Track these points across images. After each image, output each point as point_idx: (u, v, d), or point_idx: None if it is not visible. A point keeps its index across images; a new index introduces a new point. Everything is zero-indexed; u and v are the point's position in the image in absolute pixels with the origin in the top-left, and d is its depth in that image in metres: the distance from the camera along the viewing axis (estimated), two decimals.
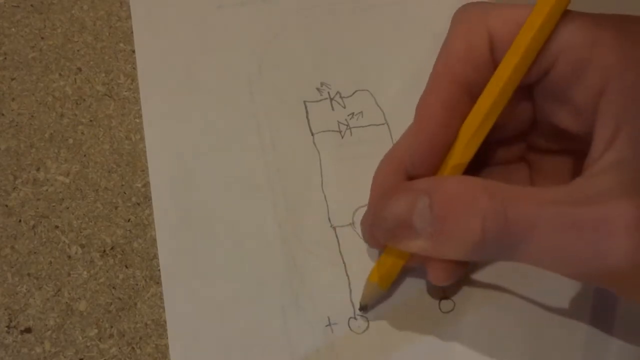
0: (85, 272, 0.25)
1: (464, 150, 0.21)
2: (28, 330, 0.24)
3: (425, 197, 0.19)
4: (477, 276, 0.25)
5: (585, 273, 0.19)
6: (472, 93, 0.21)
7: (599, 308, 0.24)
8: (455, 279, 0.22)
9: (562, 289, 0.25)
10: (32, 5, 0.31)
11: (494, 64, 0.21)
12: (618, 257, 0.17)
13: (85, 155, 0.28)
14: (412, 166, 0.21)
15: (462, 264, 0.22)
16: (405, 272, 0.25)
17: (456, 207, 0.19)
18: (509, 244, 0.18)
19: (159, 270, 0.25)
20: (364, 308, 0.24)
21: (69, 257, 0.26)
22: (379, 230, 0.21)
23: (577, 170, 0.20)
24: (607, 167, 0.18)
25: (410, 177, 0.22)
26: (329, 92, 0.29)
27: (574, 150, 0.22)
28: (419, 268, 0.24)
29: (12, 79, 0.29)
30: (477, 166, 0.23)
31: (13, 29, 0.30)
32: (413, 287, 0.25)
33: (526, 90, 0.21)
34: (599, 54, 0.19)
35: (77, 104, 0.29)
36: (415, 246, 0.20)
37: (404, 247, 0.20)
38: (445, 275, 0.21)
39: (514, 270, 0.25)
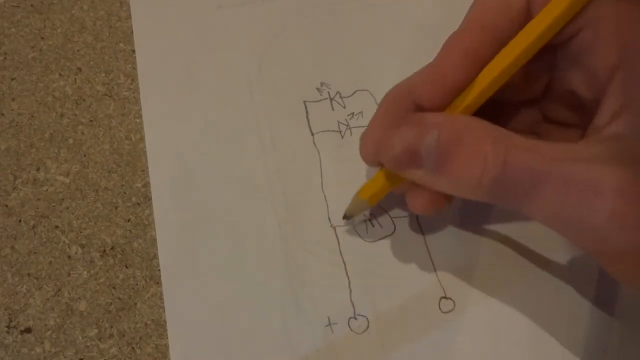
0: (85, 272, 0.25)
1: (479, 93, 0.21)
2: (28, 330, 0.24)
3: (435, 130, 0.19)
4: (477, 276, 0.25)
5: (577, 233, 0.19)
6: (499, 44, 0.21)
7: (599, 308, 0.24)
8: (432, 212, 0.22)
9: (562, 289, 0.25)
10: (32, 5, 0.31)
11: (528, 19, 0.21)
12: (602, 218, 0.18)
13: (85, 155, 0.28)
14: (422, 99, 0.21)
15: (444, 199, 0.22)
16: (404, 278, 0.25)
17: (461, 146, 0.19)
18: (508, 191, 0.19)
19: (159, 270, 0.25)
20: (347, 217, 0.25)
21: (69, 257, 0.26)
22: (385, 154, 0.21)
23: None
24: (607, 137, 0.19)
25: (417, 110, 0.22)
26: (329, 92, 0.29)
27: (583, 125, 0.23)
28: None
29: (12, 79, 0.29)
30: None
31: (13, 29, 0.30)
32: (413, 287, 0.25)
33: (548, 51, 0.22)
34: (625, 29, 0.19)
35: (77, 104, 0.29)
36: (417, 176, 0.20)
37: (406, 175, 0.21)
38: (423, 205, 0.22)
39: (514, 270, 0.25)
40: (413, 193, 0.22)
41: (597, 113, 0.20)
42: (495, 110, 0.23)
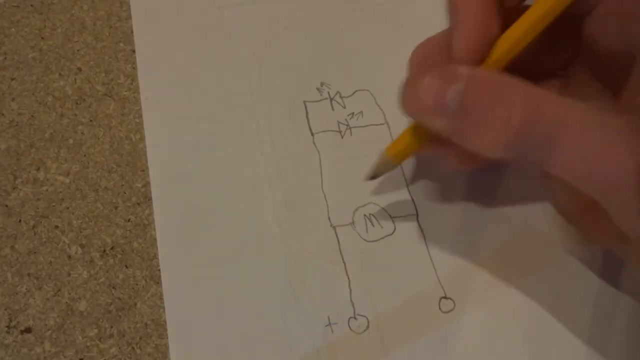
0: (85, 272, 0.25)
1: (508, 47, 0.21)
2: (28, 330, 0.24)
3: (464, 79, 0.19)
4: (477, 276, 0.25)
5: (595, 179, 0.18)
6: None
7: (600, 309, 0.24)
8: (466, 167, 0.22)
9: (562, 289, 0.25)
10: (32, 5, 0.31)
11: None
12: (623, 164, 0.17)
13: (85, 155, 0.28)
14: (454, 50, 0.21)
15: (472, 158, 0.22)
16: (404, 281, 0.25)
17: (488, 95, 0.19)
18: (537, 141, 0.18)
19: (159, 270, 0.25)
20: (374, 177, 0.25)
21: (69, 257, 0.26)
22: (411, 98, 0.21)
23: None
24: (637, 104, 0.18)
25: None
26: (329, 92, 0.29)
27: (608, 95, 0.22)
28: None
29: (12, 79, 0.29)
30: None
31: (13, 29, 0.30)
32: (413, 287, 0.25)
33: (575, 19, 0.22)
34: None
35: (77, 104, 0.29)
36: (438, 124, 0.20)
37: (429, 123, 0.20)
38: (456, 161, 0.22)
39: (514, 270, 0.25)
40: (443, 151, 0.22)
41: (628, 81, 0.19)
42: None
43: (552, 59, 0.23)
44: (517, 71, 0.21)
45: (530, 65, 0.22)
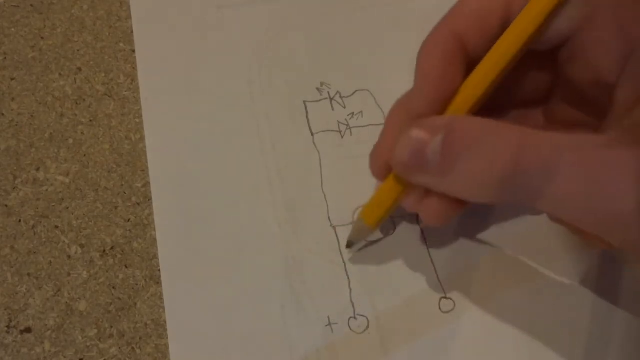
0: (85, 272, 0.25)
1: (472, 95, 0.21)
2: (28, 330, 0.24)
3: (443, 131, 0.19)
4: (477, 276, 0.25)
5: (594, 218, 0.18)
6: (470, 54, 0.21)
7: (599, 310, 0.24)
8: (447, 220, 0.22)
9: (562, 290, 0.25)
10: (32, 5, 0.31)
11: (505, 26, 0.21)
12: (626, 203, 0.17)
13: (85, 155, 0.28)
14: (417, 112, 0.21)
15: (458, 205, 0.21)
16: (405, 274, 0.25)
17: (470, 143, 0.19)
18: (520, 185, 0.18)
19: (159, 270, 0.25)
20: (350, 245, 0.25)
21: (69, 257, 0.26)
22: (394, 159, 0.21)
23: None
24: (627, 125, 0.18)
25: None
26: (329, 92, 0.29)
27: (590, 124, 0.22)
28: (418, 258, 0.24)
29: (12, 79, 0.29)
30: None
31: (13, 29, 0.30)
32: (413, 287, 0.25)
33: (548, 53, 0.22)
34: (626, 18, 0.19)
35: (77, 104, 0.29)
36: (425, 180, 0.20)
37: (415, 180, 0.20)
38: (437, 215, 0.21)
39: (514, 271, 0.25)
40: (425, 204, 0.21)
41: (612, 107, 0.19)
42: (498, 114, 0.23)
43: (532, 89, 0.23)
44: (496, 106, 0.21)
45: (512, 96, 0.22)
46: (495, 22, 0.21)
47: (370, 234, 0.24)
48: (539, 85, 0.23)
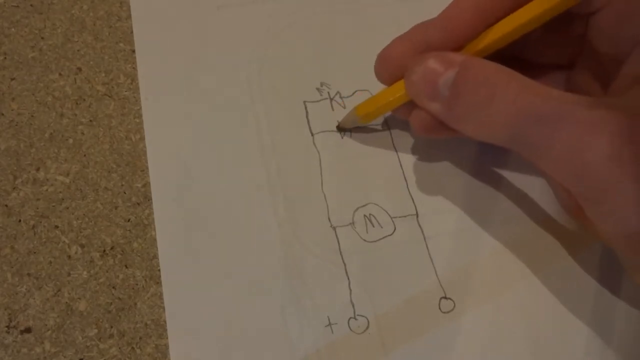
0: (85, 272, 0.25)
1: (490, 44, 0.22)
2: (28, 330, 0.24)
3: (457, 67, 0.20)
4: (477, 276, 0.25)
5: (578, 176, 0.19)
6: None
7: (599, 308, 0.24)
8: (436, 134, 0.23)
9: (562, 288, 0.25)
10: (32, 5, 0.31)
11: None
12: (600, 156, 0.18)
13: (85, 155, 0.28)
14: (433, 44, 0.22)
15: (444, 128, 0.22)
16: (406, 275, 0.25)
17: (479, 83, 0.20)
18: (516, 131, 0.19)
19: (159, 270, 0.25)
20: (341, 129, 0.28)
21: (69, 257, 0.26)
22: (407, 80, 0.22)
23: None
24: (625, 92, 0.19)
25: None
26: (329, 92, 0.29)
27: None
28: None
29: (12, 79, 0.29)
30: None
31: (13, 29, 0.30)
32: (413, 287, 0.25)
33: (580, 19, 0.22)
34: None
35: (77, 104, 0.29)
36: (432, 108, 0.22)
37: (423, 105, 0.22)
38: (426, 126, 0.23)
39: (514, 271, 0.25)
40: (415, 114, 0.23)
41: (615, 79, 0.20)
42: (522, 69, 0.23)
43: (555, 54, 0.24)
44: (521, 61, 0.22)
45: (533, 58, 0.23)
46: None
47: (357, 125, 0.27)
48: (567, 49, 0.24)
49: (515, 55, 0.24)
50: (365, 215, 0.26)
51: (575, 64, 0.24)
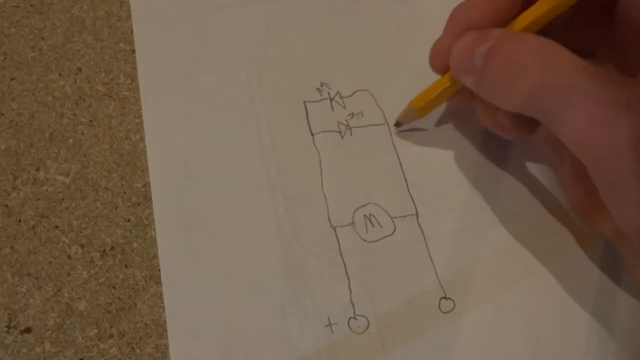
0: (85, 272, 0.25)
1: (533, 21, 0.22)
2: (28, 330, 0.24)
3: (492, 41, 0.21)
4: (477, 276, 0.25)
5: (595, 152, 0.19)
6: None
7: (600, 308, 0.24)
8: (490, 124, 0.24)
9: (562, 288, 0.25)
10: (32, 5, 0.31)
11: None
12: (623, 134, 0.18)
13: (85, 155, 0.28)
14: (475, 23, 0.23)
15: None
16: (407, 274, 0.25)
17: (510, 56, 0.20)
18: (546, 105, 0.20)
19: (159, 270, 0.25)
20: (398, 125, 0.28)
21: (69, 257, 0.26)
22: (451, 57, 0.23)
23: None
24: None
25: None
26: (329, 92, 0.29)
27: None
28: None
29: (12, 79, 0.29)
30: None
31: (13, 29, 0.30)
32: (413, 287, 0.25)
33: (609, 6, 0.22)
34: None
35: (77, 104, 0.29)
36: (468, 80, 0.22)
37: (460, 78, 0.23)
38: (482, 116, 0.24)
39: (514, 270, 0.25)
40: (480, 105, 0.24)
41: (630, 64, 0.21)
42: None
43: (579, 39, 0.24)
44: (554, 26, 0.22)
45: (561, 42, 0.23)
46: None
47: (416, 119, 0.27)
48: (590, 37, 0.24)
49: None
50: (365, 215, 0.26)
51: (598, 54, 0.24)
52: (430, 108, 0.26)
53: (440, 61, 0.25)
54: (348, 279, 0.25)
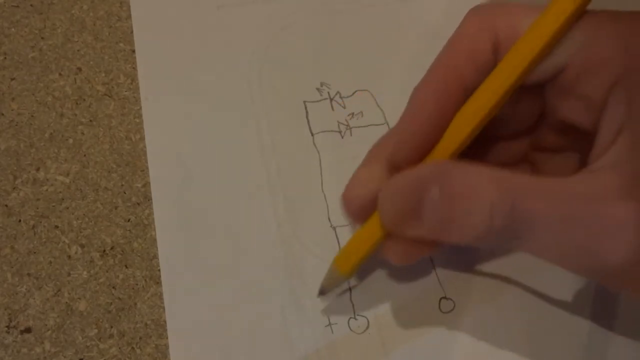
0: (85, 272, 0.25)
1: (460, 141, 0.20)
2: (28, 330, 0.24)
3: (436, 188, 0.19)
4: (477, 276, 0.25)
5: (583, 267, 0.19)
6: (468, 92, 0.21)
7: (599, 307, 0.24)
8: (414, 261, 0.22)
9: (562, 288, 0.25)
10: (32, 5, 0.31)
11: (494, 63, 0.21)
12: (620, 254, 0.17)
13: (85, 155, 0.28)
14: (398, 162, 0.21)
15: (428, 247, 0.21)
16: (410, 274, 0.25)
17: (464, 198, 0.19)
18: (514, 235, 0.19)
19: (159, 270, 0.25)
20: (323, 292, 0.24)
21: (69, 257, 0.26)
22: (384, 214, 0.20)
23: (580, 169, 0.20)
24: (607, 165, 0.18)
25: (394, 167, 0.22)
26: (329, 92, 0.29)
27: (579, 149, 0.23)
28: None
29: (12, 79, 0.29)
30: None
31: (13, 29, 0.30)
32: (413, 287, 0.25)
33: (537, 86, 0.21)
34: (612, 51, 0.19)
35: (77, 104, 0.29)
36: (419, 232, 0.20)
37: (409, 233, 0.20)
38: (404, 257, 0.21)
39: (514, 270, 0.25)
40: (393, 246, 0.21)
41: (596, 138, 0.19)
42: (486, 143, 0.22)
43: (518, 122, 0.23)
44: (483, 136, 0.21)
45: (494, 130, 0.22)
46: (486, 58, 0.20)
47: (344, 281, 0.24)
48: (526, 117, 0.23)
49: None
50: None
51: (538, 125, 0.23)
52: (359, 266, 0.22)
53: (359, 210, 0.22)
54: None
